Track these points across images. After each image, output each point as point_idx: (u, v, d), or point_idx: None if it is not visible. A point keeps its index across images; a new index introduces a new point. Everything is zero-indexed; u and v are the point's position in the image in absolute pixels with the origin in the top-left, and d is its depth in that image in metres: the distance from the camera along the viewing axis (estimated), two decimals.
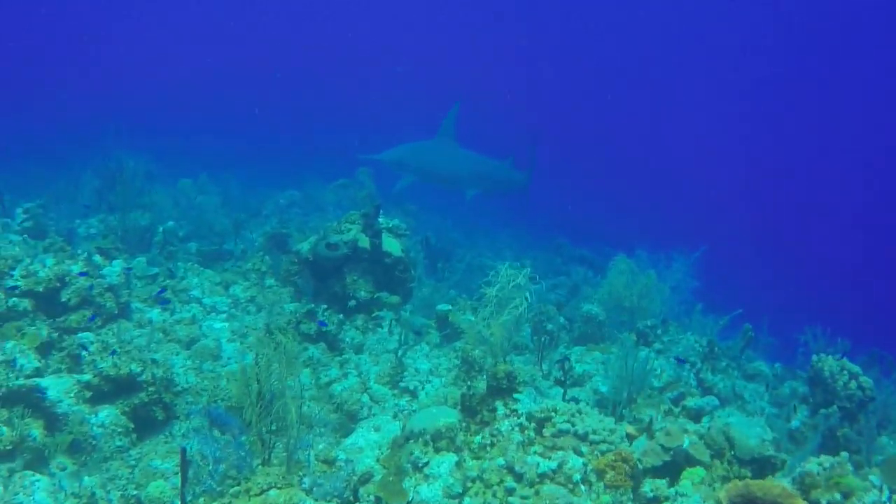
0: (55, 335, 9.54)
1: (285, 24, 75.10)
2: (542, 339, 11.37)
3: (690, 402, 9.78)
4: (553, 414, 7.38)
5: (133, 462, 8.01)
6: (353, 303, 11.30)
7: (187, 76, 62.68)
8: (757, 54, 60.83)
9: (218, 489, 6.53)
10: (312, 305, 10.58)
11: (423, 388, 9.94)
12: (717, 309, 14.89)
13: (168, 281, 12.21)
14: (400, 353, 10.15)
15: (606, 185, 50.64)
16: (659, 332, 12.65)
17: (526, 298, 8.44)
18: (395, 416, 8.98)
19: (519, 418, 7.40)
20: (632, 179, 52.80)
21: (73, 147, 31.46)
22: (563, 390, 9.91)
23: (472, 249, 24.12)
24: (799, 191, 51.21)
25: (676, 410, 9.64)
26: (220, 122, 49.85)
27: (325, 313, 10.54)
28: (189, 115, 50.22)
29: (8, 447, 7.51)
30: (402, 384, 9.88)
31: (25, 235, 12.72)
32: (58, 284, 10.01)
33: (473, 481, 6.63)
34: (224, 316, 11.66)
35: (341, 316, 10.87)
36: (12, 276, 9.82)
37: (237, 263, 13.94)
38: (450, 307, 12.04)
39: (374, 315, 11.35)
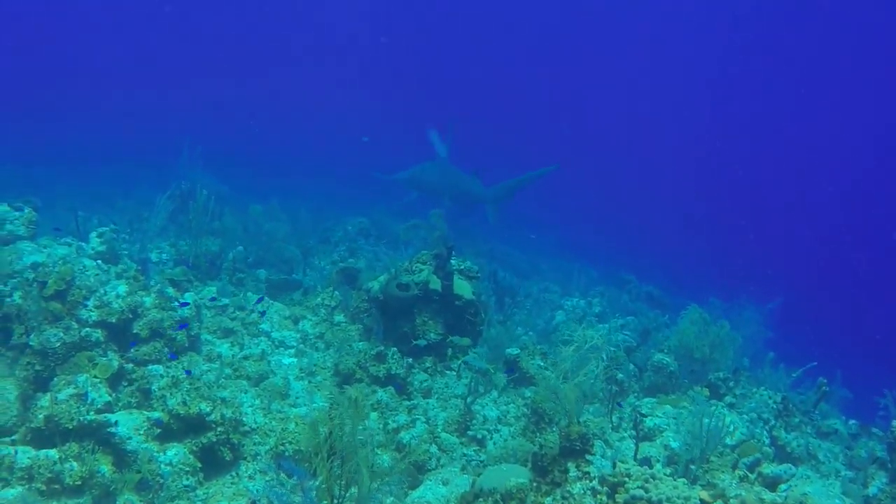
0: (127, 366, 9.57)
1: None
2: (613, 388, 11.14)
3: (767, 468, 9.45)
4: (626, 479, 7.14)
5: (199, 502, 7.96)
6: (422, 342, 11.17)
7: (266, 98, 63.73)
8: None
9: None
10: (382, 347, 10.46)
11: (491, 438, 9.78)
12: (790, 359, 14.53)
13: (238, 312, 12.21)
14: (469, 400, 9.98)
15: (672, 222, 49.94)
16: (731, 384, 12.33)
17: (602, 359, 8.19)
18: (463, 469, 8.81)
19: (591, 481, 7.16)
20: (706, 219, 51.96)
21: (146, 164, 32.07)
22: (634, 448, 9.66)
23: (538, 281, 23.95)
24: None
25: (752, 477, 9.33)
26: (294, 141, 50.56)
27: (395, 357, 10.40)
28: (267, 135, 50.93)
29: (77, 482, 7.53)
30: (470, 432, 9.72)
31: (99, 261, 12.81)
32: (130, 316, 10.04)
33: None
34: (292, 351, 11.62)
35: (410, 360, 10.74)
36: (86, 306, 9.85)
37: (306, 295, 13.93)
38: (519, 351, 11.86)
39: (444, 358, 11.23)
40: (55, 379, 8.85)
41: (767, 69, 63.63)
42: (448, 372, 11.11)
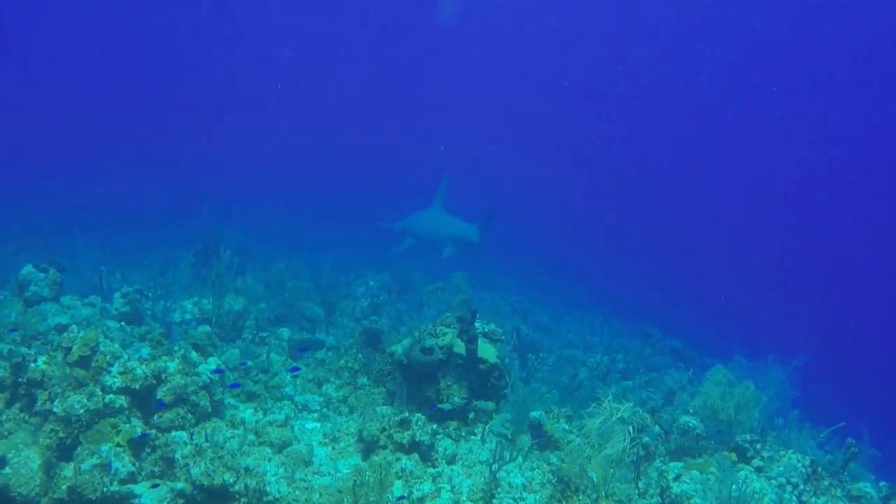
0: (150, 432, 9.53)
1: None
2: (639, 452, 11.00)
3: None
4: None
5: None
6: (447, 406, 11.08)
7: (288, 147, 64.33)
8: None
9: None
10: (406, 413, 10.37)
11: None
12: (816, 417, 14.36)
13: (261, 375, 12.18)
14: (494, 467, 9.86)
15: (699, 273, 49.75)
16: (758, 446, 12.15)
17: (629, 433, 8.11)
18: None
19: None
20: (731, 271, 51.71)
21: (172, 212, 32.36)
22: None
23: (561, 334, 23.87)
24: None
25: None
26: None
27: (419, 423, 10.30)
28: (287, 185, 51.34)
29: None
30: (495, 501, 9.59)
31: (123, 322, 12.86)
32: (154, 382, 10.01)
33: None
34: (316, 415, 11.56)
35: (435, 426, 10.64)
36: (110, 372, 9.84)
37: (329, 356, 13.91)
38: (543, 413, 11.74)
39: (468, 422, 11.13)
40: (79, 448, 8.84)
41: (807, 139, 63.82)
42: (472, 437, 11.01)
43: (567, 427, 11.61)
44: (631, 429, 8.22)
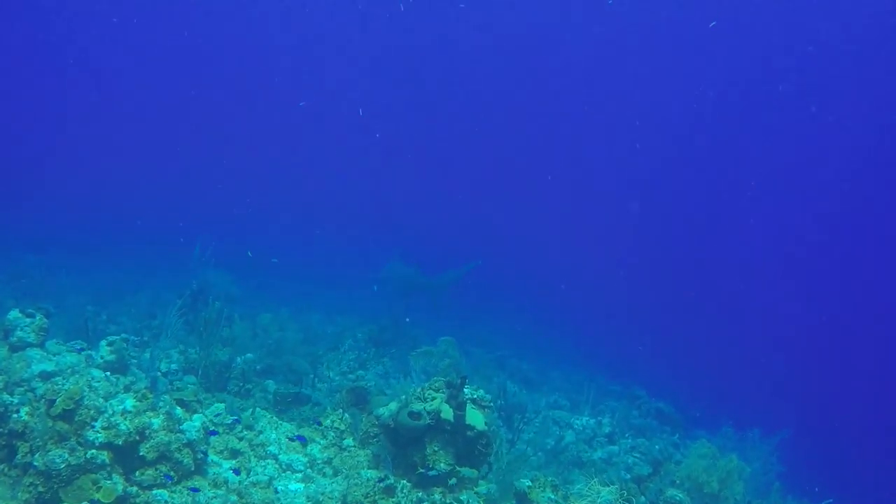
0: (132, 489, 9.40)
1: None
2: None
3: None
4: None
5: None
6: (434, 472, 10.93)
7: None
8: None
9: None
10: (391, 479, 10.24)
11: None
12: (801, 491, 14.30)
13: (246, 432, 12.04)
14: None
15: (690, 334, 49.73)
16: None
17: None
18: None
19: None
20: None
21: (160, 248, 32.29)
22: None
23: (547, 392, 23.78)
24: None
25: None
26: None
27: (404, 490, 10.17)
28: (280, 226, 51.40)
29: None
30: None
31: (108, 372, 12.72)
32: (137, 438, 9.88)
33: None
34: (300, 476, 11.41)
35: (420, 493, 10.50)
36: (94, 427, 9.72)
37: (315, 410, 13.78)
38: (530, 483, 11.62)
39: (453, 489, 10.99)
40: None
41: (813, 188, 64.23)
42: None
43: (553, 496, 11.49)
44: None
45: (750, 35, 54.26)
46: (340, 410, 13.07)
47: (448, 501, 10.82)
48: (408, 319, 23.48)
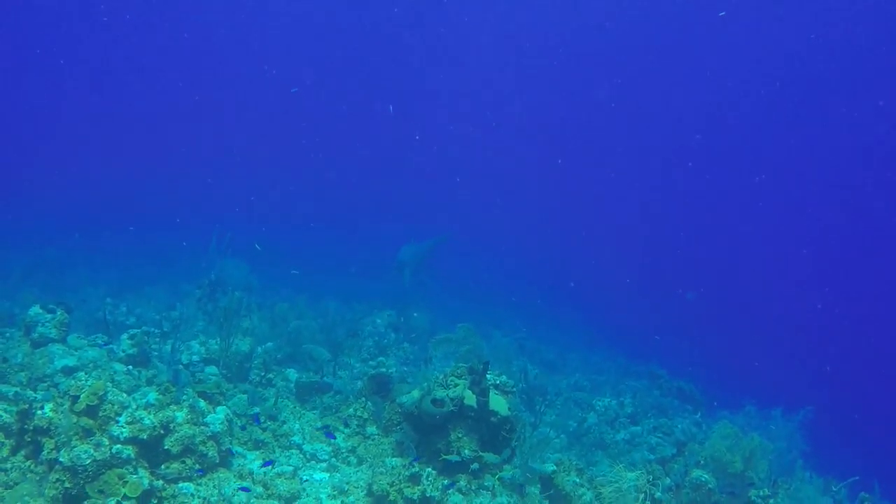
0: (157, 483, 9.40)
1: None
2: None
3: None
4: None
5: None
6: (455, 458, 10.90)
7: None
8: None
9: None
10: (416, 467, 10.22)
11: None
12: (826, 469, 14.21)
13: (269, 423, 12.04)
14: None
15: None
16: (771, 502, 12.01)
17: (646, 502, 7.98)
18: None
19: None
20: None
21: (176, 240, 32.31)
22: None
23: (568, 374, 23.73)
24: None
25: None
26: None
27: (430, 478, 10.15)
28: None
29: None
30: None
31: (130, 366, 12.74)
32: (162, 432, 9.89)
33: None
34: (324, 465, 11.41)
35: (446, 480, 10.48)
36: (118, 422, 9.72)
37: (336, 399, 13.76)
38: (555, 467, 11.59)
39: (478, 475, 10.96)
40: (85, 503, 8.69)
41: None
42: (483, 491, 10.84)
43: (578, 480, 11.46)
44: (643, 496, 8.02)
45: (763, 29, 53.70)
46: (363, 399, 13.06)
47: (473, 488, 10.81)
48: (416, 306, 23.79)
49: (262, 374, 14.59)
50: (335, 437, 11.98)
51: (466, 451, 10.98)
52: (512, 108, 74.83)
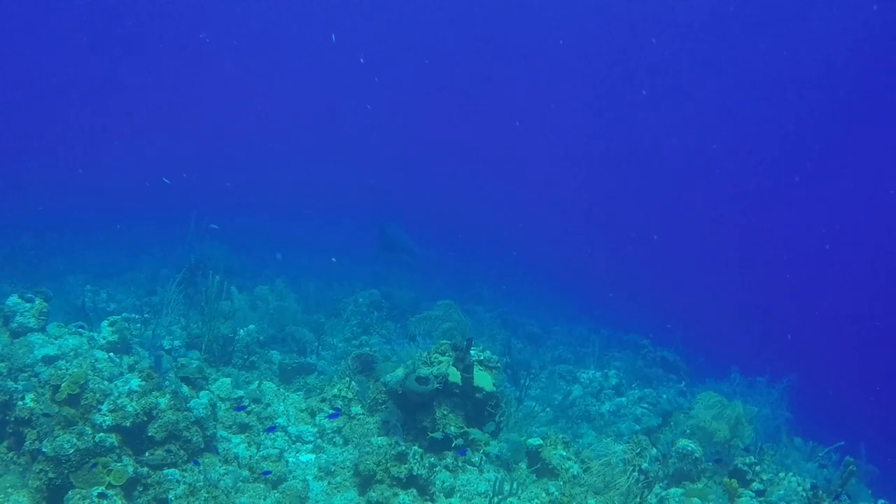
0: (142, 470, 9.33)
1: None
2: (638, 477, 10.86)
3: None
4: None
5: None
6: (439, 435, 10.89)
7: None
8: None
9: None
10: (402, 446, 10.19)
11: None
12: (811, 435, 14.31)
13: (254, 406, 11.98)
14: (494, 501, 9.71)
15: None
16: (757, 469, 12.07)
17: (634, 474, 7.98)
18: None
19: None
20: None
21: (155, 226, 32.12)
22: None
23: (551, 347, 23.76)
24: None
25: None
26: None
27: (416, 456, 10.12)
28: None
29: None
30: None
31: (111, 353, 12.62)
32: (145, 418, 9.81)
33: None
34: (310, 447, 11.37)
35: (432, 458, 10.46)
36: (100, 410, 9.64)
37: (320, 380, 13.72)
38: (541, 441, 11.59)
39: (463, 450, 10.95)
40: (70, 493, 8.63)
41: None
42: (470, 467, 10.84)
43: (564, 453, 11.47)
44: (636, 473, 8.02)
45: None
46: (347, 378, 13.01)
47: (460, 464, 10.81)
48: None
49: (245, 356, 14.53)
50: (339, 413, 11.97)
51: (452, 428, 10.97)
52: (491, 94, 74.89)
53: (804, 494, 11.28)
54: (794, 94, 58.84)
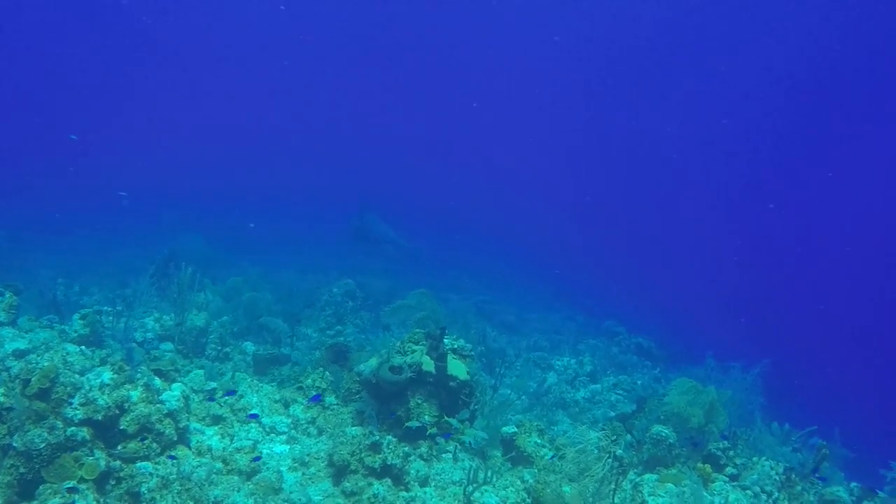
0: (115, 464, 9.27)
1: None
2: (613, 464, 10.89)
3: None
4: None
5: None
6: (414, 424, 10.87)
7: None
8: None
9: None
10: (377, 436, 10.18)
11: None
12: (786, 419, 14.40)
13: (227, 397, 11.92)
14: (469, 490, 9.72)
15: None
16: (731, 453, 12.14)
17: (609, 461, 7.99)
18: None
19: None
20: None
21: (127, 219, 31.90)
22: None
23: (527, 335, 23.81)
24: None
25: None
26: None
27: (390, 446, 10.11)
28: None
29: None
30: None
31: (83, 346, 12.53)
32: (117, 412, 9.75)
33: None
34: (284, 438, 11.34)
35: (406, 448, 10.44)
36: (71, 404, 9.56)
37: (295, 370, 13.67)
38: (516, 429, 11.62)
39: (437, 439, 10.95)
40: (41, 487, 8.56)
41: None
42: (444, 455, 10.85)
43: (539, 441, 11.50)
44: (610, 459, 8.03)
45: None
46: (321, 369, 12.97)
47: (434, 454, 10.81)
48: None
49: (219, 348, 14.47)
50: (321, 398, 11.92)
51: (426, 417, 10.97)
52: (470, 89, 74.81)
53: (777, 478, 11.36)
54: (756, 86, 59.18)
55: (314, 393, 12.31)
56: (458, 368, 11.38)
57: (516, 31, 65.06)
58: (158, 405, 10.13)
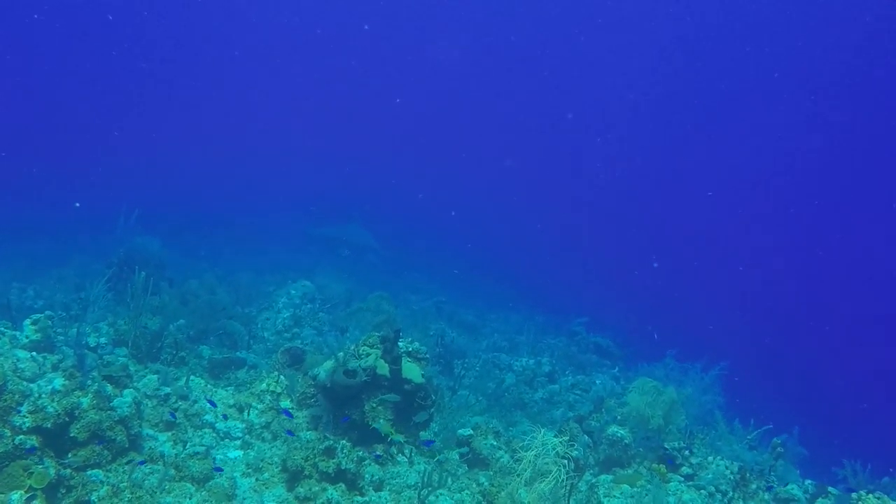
0: (65, 472, 9.16)
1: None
2: (569, 465, 10.93)
3: None
4: None
5: None
6: (375, 425, 10.84)
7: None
8: None
9: None
10: (331, 440, 10.13)
11: None
12: (744, 417, 14.53)
13: (181, 403, 11.81)
14: (424, 493, 9.71)
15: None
16: (686, 453, 12.23)
17: (564, 465, 8.01)
18: None
19: None
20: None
21: (85, 223, 31.49)
22: None
23: (487, 335, 23.84)
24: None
25: None
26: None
27: (345, 450, 10.07)
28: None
29: None
30: None
31: (34, 352, 12.36)
32: (66, 419, 9.63)
33: None
34: (238, 443, 11.26)
35: (361, 451, 10.41)
36: (20, 412, 9.43)
37: (250, 374, 13.59)
38: (471, 432, 11.63)
39: (393, 443, 10.93)
40: None
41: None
42: (399, 457, 10.83)
43: (495, 443, 11.52)
44: (566, 463, 8.05)
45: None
46: (276, 373, 12.90)
47: (390, 457, 10.79)
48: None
49: (174, 352, 14.31)
50: (292, 416, 11.80)
51: (382, 421, 10.93)
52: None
53: (732, 477, 11.47)
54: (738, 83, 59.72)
55: (268, 398, 12.24)
56: (412, 371, 11.36)
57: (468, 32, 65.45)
58: (109, 412, 10.02)
